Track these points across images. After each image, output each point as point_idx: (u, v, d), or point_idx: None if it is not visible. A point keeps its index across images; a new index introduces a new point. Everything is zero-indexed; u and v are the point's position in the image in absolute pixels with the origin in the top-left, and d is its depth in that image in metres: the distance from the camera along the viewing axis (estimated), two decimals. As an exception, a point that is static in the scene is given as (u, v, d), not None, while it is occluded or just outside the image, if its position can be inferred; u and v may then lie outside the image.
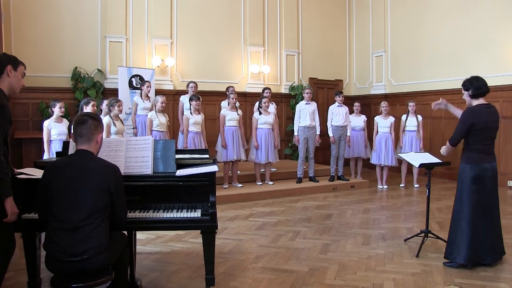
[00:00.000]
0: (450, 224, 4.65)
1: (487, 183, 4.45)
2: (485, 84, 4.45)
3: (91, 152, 3.06)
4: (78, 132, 3.04)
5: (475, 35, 9.88)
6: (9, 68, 3.13)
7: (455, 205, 4.60)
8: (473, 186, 4.42)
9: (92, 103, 6.60)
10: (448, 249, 4.60)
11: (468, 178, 4.45)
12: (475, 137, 4.41)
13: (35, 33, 9.45)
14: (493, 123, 4.45)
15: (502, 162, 8.92)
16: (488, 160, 4.46)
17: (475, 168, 4.42)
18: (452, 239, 4.56)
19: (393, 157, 9.15)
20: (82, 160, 3.01)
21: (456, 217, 4.55)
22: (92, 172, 2.95)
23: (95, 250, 2.88)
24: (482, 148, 4.43)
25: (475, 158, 4.44)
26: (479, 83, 4.43)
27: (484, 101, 4.47)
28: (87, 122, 3.05)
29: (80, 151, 3.04)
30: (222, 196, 7.65)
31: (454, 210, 4.61)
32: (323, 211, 7.24)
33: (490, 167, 4.46)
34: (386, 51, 12.40)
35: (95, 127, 3.07)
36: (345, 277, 4.28)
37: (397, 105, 11.43)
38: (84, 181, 2.92)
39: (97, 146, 3.12)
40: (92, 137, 3.05)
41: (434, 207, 7.34)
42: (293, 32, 12.48)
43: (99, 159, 3.11)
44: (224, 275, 4.30)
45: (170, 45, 10.78)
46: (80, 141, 3.04)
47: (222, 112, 8.44)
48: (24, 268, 3.63)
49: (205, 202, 3.54)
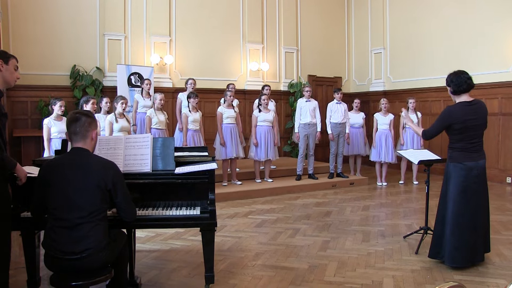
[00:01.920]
0: (435, 223, 4.56)
1: (472, 183, 4.32)
2: (466, 80, 4.29)
3: (87, 150, 3.04)
4: (72, 130, 3.02)
5: (474, 31, 9.87)
6: (0, 62, 3.13)
7: (439, 204, 4.53)
8: (456, 186, 4.33)
9: (92, 101, 6.61)
10: (433, 249, 4.53)
11: (451, 177, 4.39)
12: (455, 136, 4.34)
13: (34, 31, 9.43)
14: (476, 121, 4.28)
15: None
16: (473, 158, 4.33)
17: (459, 167, 4.33)
18: (437, 238, 4.50)
19: (392, 154, 9.15)
20: (78, 158, 2.99)
21: (440, 217, 4.49)
22: (89, 170, 2.94)
23: (94, 248, 2.87)
24: (466, 147, 4.31)
25: (457, 157, 4.35)
26: (459, 80, 4.30)
27: (467, 97, 4.34)
28: (81, 119, 3.02)
29: (76, 149, 3.02)
30: (221, 193, 7.66)
31: (438, 210, 4.54)
32: (322, 208, 7.24)
33: (475, 165, 4.32)
34: (385, 48, 12.39)
35: (89, 124, 3.04)
36: (345, 274, 4.28)
37: (396, 102, 11.42)
38: (81, 179, 2.91)
39: (92, 143, 3.09)
40: (87, 134, 3.03)
41: (433, 204, 7.26)
42: (292, 29, 12.47)
43: (95, 156, 3.10)
44: (224, 272, 4.31)
45: (169, 43, 10.77)
46: (75, 139, 3.02)
47: (219, 109, 8.43)
48: (23, 266, 3.64)
49: (204, 199, 3.55)
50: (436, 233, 4.54)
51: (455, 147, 4.39)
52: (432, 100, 10.80)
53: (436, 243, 4.51)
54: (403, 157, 8.33)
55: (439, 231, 4.48)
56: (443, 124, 4.37)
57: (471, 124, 4.26)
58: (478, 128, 4.34)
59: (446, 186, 4.47)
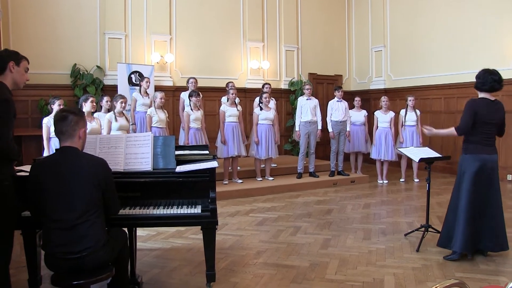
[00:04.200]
0: (447, 212, 4.69)
1: (486, 174, 4.47)
2: (492, 81, 4.43)
3: (76, 148, 3.01)
4: (59, 130, 2.99)
5: (474, 29, 9.85)
6: (12, 64, 3.13)
7: (453, 194, 4.65)
8: (471, 176, 4.44)
9: (91, 100, 6.58)
10: (442, 238, 4.65)
11: (466, 168, 4.49)
12: (472, 129, 4.45)
13: (34, 30, 9.43)
14: (495, 119, 4.46)
15: (502, 156, 8.90)
16: (488, 152, 4.48)
17: (474, 158, 4.45)
18: (448, 227, 4.60)
19: (393, 152, 9.14)
20: (68, 157, 2.97)
21: (453, 206, 4.60)
22: (81, 169, 2.92)
23: (93, 247, 2.87)
24: (481, 141, 4.46)
25: (473, 149, 4.48)
26: (485, 79, 4.45)
27: (489, 96, 4.49)
28: (67, 118, 2.98)
29: (65, 148, 2.99)
30: (223, 192, 7.66)
31: (451, 199, 4.66)
32: (323, 206, 7.24)
33: (490, 158, 4.48)
34: (386, 46, 12.37)
35: (75, 123, 3.00)
36: (346, 272, 4.28)
37: (396, 99, 11.41)
38: (73, 178, 2.89)
39: (80, 141, 3.05)
40: (74, 133, 2.99)
41: (434, 201, 7.35)
42: (293, 27, 12.45)
43: (85, 155, 3.08)
44: (225, 270, 4.31)
45: (169, 41, 10.76)
46: (62, 138, 2.99)
47: (222, 108, 8.42)
48: (24, 265, 3.64)
49: (205, 198, 3.54)
50: (447, 223, 4.64)
51: (471, 140, 4.51)
52: (433, 98, 10.79)
53: (447, 233, 4.61)
54: (403, 155, 8.32)
55: (451, 221, 4.58)
56: (471, 113, 4.44)
57: (490, 120, 4.44)
58: (495, 126, 4.51)
59: (460, 177, 4.57)
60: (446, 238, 4.63)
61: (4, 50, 3.34)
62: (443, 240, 4.68)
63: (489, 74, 4.47)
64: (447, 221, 4.67)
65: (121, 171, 3.48)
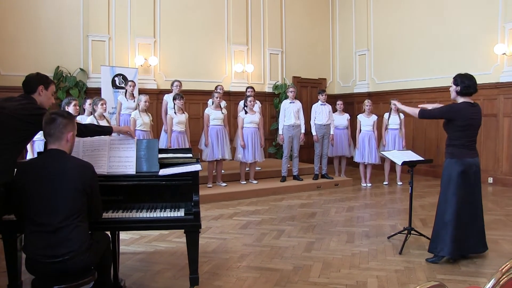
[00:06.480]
0: (435, 218, 4.71)
1: (471, 178, 4.54)
2: (475, 85, 4.54)
3: (63, 151, 2.98)
4: (47, 132, 2.97)
5: (457, 34, 10.00)
6: (41, 88, 3.32)
7: (440, 199, 4.68)
8: (458, 180, 4.49)
9: (73, 103, 6.52)
10: (432, 244, 4.66)
11: (452, 173, 4.53)
12: (457, 133, 4.51)
13: (16, 32, 9.31)
14: (476, 121, 4.55)
15: (483, 159, 9.02)
16: (472, 155, 4.55)
17: (459, 162, 4.50)
18: (437, 233, 4.63)
19: (376, 155, 9.21)
20: (54, 160, 2.94)
21: (441, 211, 4.62)
22: (67, 172, 2.89)
23: (76, 250, 2.85)
24: (465, 144, 4.52)
25: (458, 153, 4.52)
26: (470, 83, 4.51)
27: (469, 99, 4.56)
28: (56, 120, 2.97)
29: (51, 151, 2.97)
30: (206, 195, 7.64)
31: (438, 204, 4.69)
32: (307, 209, 7.27)
33: (474, 162, 4.55)
34: (369, 50, 12.48)
35: (64, 126, 2.98)
36: (329, 275, 4.30)
37: (380, 103, 11.52)
38: (59, 182, 2.86)
39: (68, 144, 3.02)
40: (62, 136, 2.97)
41: (417, 204, 7.42)
42: (277, 31, 12.50)
43: (72, 158, 3.05)
44: (209, 274, 4.30)
45: (154, 44, 10.72)
46: (50, 140, 2.97)
47: (206, 111, 8.41)
48: (4, 270, 3.57)
49: (189, 201, 3.53)
50: (436, 228, 4.67)
51: (455, 144, 4.55)
52: (416, 101, 10.85)
53: (436, 238, 4.63)
54: (386, 158, 8.39)
55: (440, 226, 4.61)
56: (448, 116, 4.55)
57: (472, 123, 4.52)
58: (477, 128, 4.60)
59: (446, 182, 4.60)
60: (434, 243, 4.65)
61: (35, 73, 3.48)
62: (432, 246, 4.68)
63: (472, 78, 4.54)
64: (435, 227, 4.68)
65: (104, 174, 3.46)
